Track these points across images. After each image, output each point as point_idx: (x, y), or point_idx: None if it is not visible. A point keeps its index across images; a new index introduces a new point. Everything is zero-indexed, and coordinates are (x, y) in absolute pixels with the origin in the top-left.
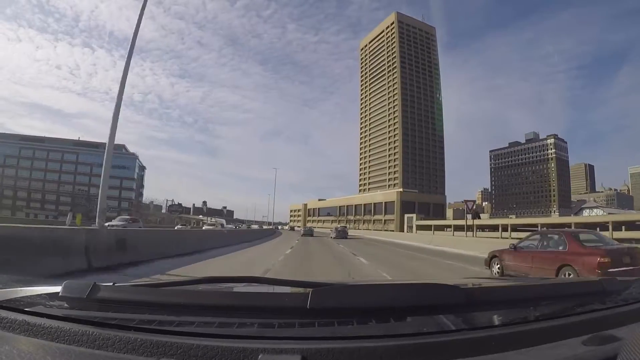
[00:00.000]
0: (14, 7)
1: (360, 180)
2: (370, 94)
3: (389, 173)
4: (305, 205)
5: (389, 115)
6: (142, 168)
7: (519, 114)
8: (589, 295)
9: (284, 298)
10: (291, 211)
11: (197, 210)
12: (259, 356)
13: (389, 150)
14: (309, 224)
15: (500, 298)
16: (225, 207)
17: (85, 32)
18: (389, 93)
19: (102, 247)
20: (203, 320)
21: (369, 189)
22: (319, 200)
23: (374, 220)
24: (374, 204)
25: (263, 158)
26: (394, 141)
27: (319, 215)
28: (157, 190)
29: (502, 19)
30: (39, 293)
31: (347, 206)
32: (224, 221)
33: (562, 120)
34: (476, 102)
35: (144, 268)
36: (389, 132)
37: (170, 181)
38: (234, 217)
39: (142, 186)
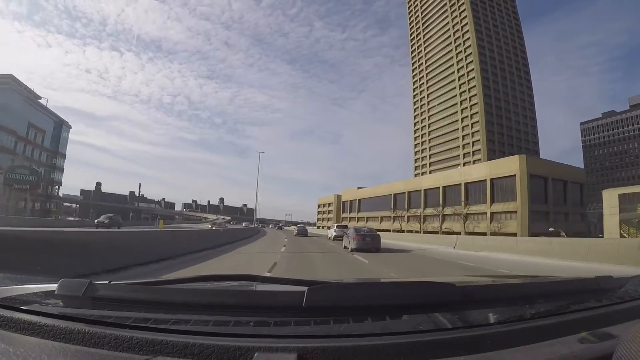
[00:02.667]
0: (42, 13)
1: (416, 162)
2: (425, 43)
3: (464, 146)
4: (339, 197)
5: (457, 67)
6: (59, 125)
7: (550, 109)
8: (584, 293)
9: (279, 296)
10: (319, 206)
11: (213, 208)
12: (255, 354)
13: (461, 113)
14: (345, 223)
15: (496, 296)
16: (245, 205)
17: (112, 35)
18: (455, 35)
19: None
20: (199, 318)
21: (429, 171)
22: (359, 188)
23: (466, 214)
24: (466, 184)
25: (293, 158)
26: (469, 98)
27: (359, 211)
28: (175, 187)
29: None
30: (35, 291)
31: (410, 193)
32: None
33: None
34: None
35: None
36: (460, 88)
37: (199, 181)
38: (256, 216)
39: (57, 154)
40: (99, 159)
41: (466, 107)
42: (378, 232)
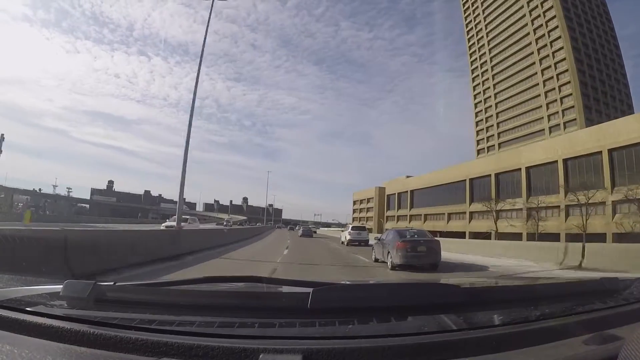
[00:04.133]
0: (70, 20)
1: (479, 144)
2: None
3: (550, 117)
4: (381, 189)
5: (532, 18)
6: None
7: None
8: (589, 294)
9: (284, 298)
10: (355, 203)
11: (236, 208)
12: (260, 356)
13: (542, 76)
14: (389, 225)
15: (501, 297)
16: (271, 205)
17: (140, 40)
18: None
19: None
20: (204, 320)
21: (498, 153)
22: (407, 177)
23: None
24: (610, 151)
25: (322, 159)
26: (552, 54)
27: (412, 206)
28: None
29: None
30: (40, 293)
31: (499, 176)
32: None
33: None
34: None
35: None
36: (537, 43)
37: (226, 182)
38: (282, 216)
39: None
40: (125, 161)
41: (549, 67)
42: (436, 238)
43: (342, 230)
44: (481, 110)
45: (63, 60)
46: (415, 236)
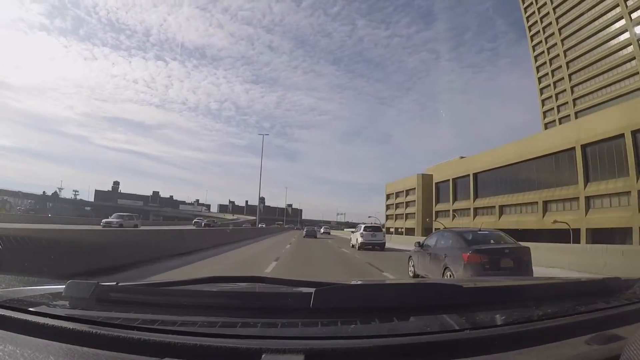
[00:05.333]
0: (86, 27)
1: (546, 116)
2: None
3: None
4: (427, 177)
5: None
6: None
7: None
8: (592, 294)
9: (287, 298)
10: (388, 197)
11: (251, 209)
12: (262, 355)
13: (631, 18)
14: (442, 222)
15: (504, 297)
16: (290, 205)
17: (156, 45)
18: None
19: None
20: (206, 320)
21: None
22: (461, 158)
23: None
24: None
25: (343, 159)
26: None
27: (477, 196)
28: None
29: None
30: (42, 293)
31: (637, 134)
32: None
33: None
34: None
35: None
36: None
37: (245, 184)
38: (302, 217)
39: None
40: (136, 162)
41: (637, 8)
42: (525, 246)
43: (353, 232)
44: (547, 74)
45: (81, 67)
46: (492, 242)
